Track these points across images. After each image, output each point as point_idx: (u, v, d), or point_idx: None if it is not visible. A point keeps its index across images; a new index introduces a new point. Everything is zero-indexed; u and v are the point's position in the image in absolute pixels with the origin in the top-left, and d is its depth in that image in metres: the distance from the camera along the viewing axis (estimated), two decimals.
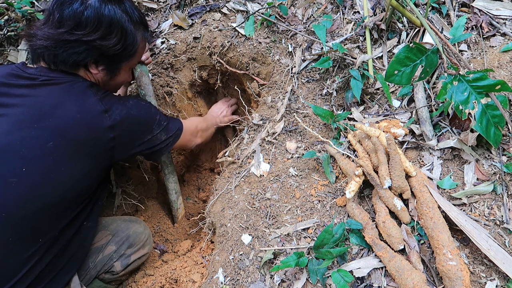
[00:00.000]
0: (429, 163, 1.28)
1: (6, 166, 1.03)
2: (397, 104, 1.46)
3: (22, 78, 1.12)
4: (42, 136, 1.05)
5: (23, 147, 1.04)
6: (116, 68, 1.27)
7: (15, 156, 1.03)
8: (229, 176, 1.55)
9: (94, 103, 1.12)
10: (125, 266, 1.47)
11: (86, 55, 1.14)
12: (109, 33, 1.14)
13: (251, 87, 1.83)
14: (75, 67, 1.17)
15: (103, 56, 1.18)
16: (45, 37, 1.09)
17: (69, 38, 1.09)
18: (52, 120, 1.06)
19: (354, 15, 1.72)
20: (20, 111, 1.07)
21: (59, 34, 1.09)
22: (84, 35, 1.10)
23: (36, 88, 1.11)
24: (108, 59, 1.20)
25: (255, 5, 1.86)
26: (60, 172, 1.07)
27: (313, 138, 1.49)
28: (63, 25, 1.09)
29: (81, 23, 1.10)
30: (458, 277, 1.00)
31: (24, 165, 1.03)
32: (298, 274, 1.17)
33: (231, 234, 1.34)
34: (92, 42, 1.12)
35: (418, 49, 1.18)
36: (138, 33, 1.25)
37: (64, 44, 1.10)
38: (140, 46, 1.28)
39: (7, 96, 1.09)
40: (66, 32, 1.09)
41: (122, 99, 1.23)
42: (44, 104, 1.08)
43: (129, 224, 1.52)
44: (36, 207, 1.05)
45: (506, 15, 1.55)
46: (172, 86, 1.95)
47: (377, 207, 1.20)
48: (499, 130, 1.16)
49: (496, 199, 1.18)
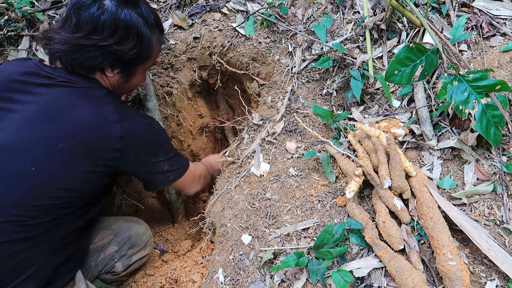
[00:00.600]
0: (429, 163, 1.28)
1: (14, 165, 1.03)
2: (397, 104, 1.46)
3: (40, 77, 1.13)
4: (53, 137, 1.05)
5: (34, 147, 1.04)
6: (131, 71, 1.27)
7: (25, 155, 1.04)
8: (229, 176, 1.55)
9: (109, 112, 1.12)
10: (126, 266, 1.48)
11: (102, 59, 1.14)
12: (125, 38, 1.14)
13: (251, 87, 1.83)
14: (91, 71, 1.18)
15: (119, 60, 1.18)
16: (63, 41, 1.09)
17: (86, 42, 1.10)
18: (65, 122, 1.07)
19: (354, 15, 1.72)
20: (33, 109, 1.07)
21: (76, 38, 1.09)
22: (101, 40, 1.10)
23: (53, 88, 1.11)
24: (124, 62, 1.21)
25: (255, 5, 1.86)
26: (65, 174, 1.07)
27: (313, 138, 1.49)
28: (80, 30, 1.10)
29: (98, 27, 1.10)
30: (458, 277, 1.00)
31: (34, 164, 1.04)
32: (298, 274, 1.17)
33: (231, 234, 1.35)
34: (109, 47, 1.12)
35: (418, 49, 1.18)
36: (154, 36, 1.25)
37: (81, 48, 1.10)
38: (155, 49, 1.28)
39: (22, 93, 1.10)
40: (83, 37, 1.09)
41: (138, 115, 1.24)
42: (58, 105, 1.09)
43: (131, 224, 1.52)
44: (38, 207, 1.05)
45: (506, 15, 1.55)
46: (172, 86, 1.95)
47: (377, 207, 1.20)
48: (499, 130, 1.16)
49: (496, 199, 1.18)
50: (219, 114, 2.31)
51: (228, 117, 2.27)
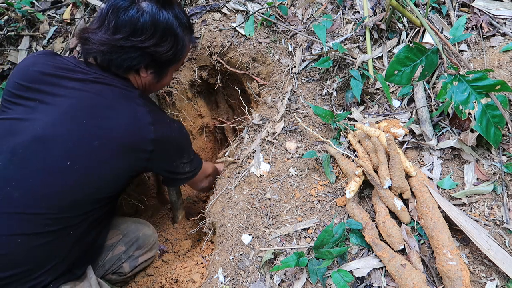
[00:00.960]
0: (429, 163, 1.28)
1: (50, 158, 1.03)
2: (397, 104, 1.46)
3: (75, 72, 1.14)
4: (89, 133, 1.06)
5: (70, 141, 1.04)
6: (164, 72, 1.29)
7: (61, 148, 1.04)
8: (229, 176, 1.55)
9: (144, 114, 1.13)
10: (133, 267, 1.49)
11: (139, 60, 1.16)
12: (163, 40, 1.16)
13: (251, 87, 1.83)
14: (127, 71, 1.19)
15: (155, 61, 1.20)
16: (101, 42, 1.10)
17: (125, 44, 1.11)
18: (101, 120, 1.08)
19: (354, 15, 1.72)
20: (69, 103, 1.08)
21: (116, 40, 1.10)
22: (140, 42, 1.11)
23: (88, 84, 1.12)
24: (159, 63, 1.22)
25: (255, 5, 1.86)
26: (99, 173, 1.09)
27: (313, 138, 1.49)
28: (119, 31, 1.10)
29: (137, 29, 1.11)
30: (458, 277, 1.00)
31: (70, 159, 1.04)
32: (298, 274, 1.17)
33: (231, 234, 1.35)
34: (147, 49, 1.13)
35: (418, 49, 1.18)
36: (187, 38, 1.26)
37: (120, 50, 1.11)
38: (187, 49, 1.30)
39: (55, 86, 1.10)
40: (122, 39, 1.10)
41: (168, 119, 1.26)
42: (95, 102, 1.09)
43: (138, 226, 1.54)
44: (68, 202, 1.07)
45: (506, 15, 1.55)
46: (172, 86, 1.95)
47: (377, 207, 1.20)
48: (499, 130, 1.16)
49: (496, 199, 1.18)
50: (219, 114, 2.31)
51: (228, 117, 2.27)
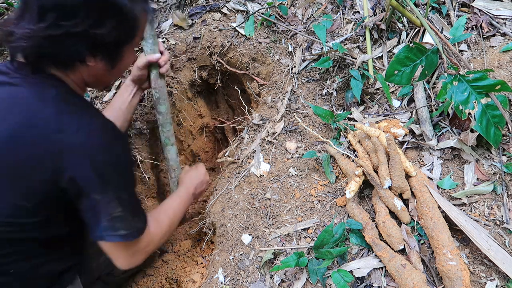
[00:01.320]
0: (429, 163, 1.28)
1: None
2: (397, 104, 1.46)
3: None
4: None
5: None
6: (117, 55, 1.05)
7: None
8: (229, 176, 1.55)
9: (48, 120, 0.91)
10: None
11: (77, 49, 0.92)
12: (103, 18, 0.91)
13: (251, 87, 1.83)
14: (69, 66, 1.00)
15: (99, 46, 0.95)
16: (25, 36, 0.87)
17: (54, 32, 0.87)
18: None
19: (354, 15, 1.72)
20: None
21: (41, 29, 0.87)
22: (73, 26, 0.88)
23: None
24: (106, 47, 0.97)
25: (255, 5, 1.86)
26: None
27: (313, 138, 1.49)
28: (45, 18, 0.87)
29: (66, 11, 0.87)
30: (458, 277, 1.00)
31: None
32: (298, 274, 1.17)
33: (231, 234, 1.34)
34: (84, 33, 0.89)
35: (418, 49, 1.18)
36: (137, 7, 0.99)
37: (49, 40, 0.89)
38: (141, 22, 1.04)
39: None
40: (49, 26, 0.87)
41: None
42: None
43: None
44: None
45: (506, 15, 1.55)
46: (172, 86, 1.95)
47: (377, 207, 1.20)
48: (499, 130, 1.16)
49: (496, 199, 1.18)
50: (219, 114, 2.31)
51: (228, 117, 2.27)
